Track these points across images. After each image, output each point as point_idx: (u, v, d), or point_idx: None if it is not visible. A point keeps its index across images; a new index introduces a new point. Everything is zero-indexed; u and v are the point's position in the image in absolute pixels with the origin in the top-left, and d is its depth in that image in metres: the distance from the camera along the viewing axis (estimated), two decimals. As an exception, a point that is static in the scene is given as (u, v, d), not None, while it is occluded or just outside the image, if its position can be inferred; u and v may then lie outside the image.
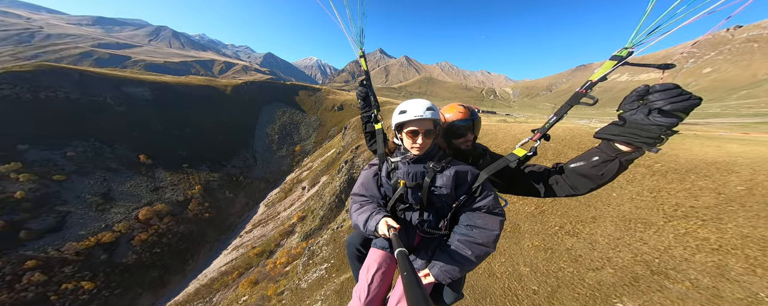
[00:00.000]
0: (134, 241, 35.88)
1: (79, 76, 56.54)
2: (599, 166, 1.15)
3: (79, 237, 33.36)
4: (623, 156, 1.08)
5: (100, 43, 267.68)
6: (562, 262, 6.16)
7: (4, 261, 27.97)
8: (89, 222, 35.88)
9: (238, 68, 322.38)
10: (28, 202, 33.68)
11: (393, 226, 1.18)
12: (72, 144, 44.44)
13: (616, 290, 5.13)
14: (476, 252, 1.30)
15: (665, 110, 0.94)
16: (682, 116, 0.94)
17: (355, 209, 1.50)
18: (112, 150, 47.77)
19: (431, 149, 1.47)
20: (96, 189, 40.32)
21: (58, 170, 39.36)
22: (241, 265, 33.01)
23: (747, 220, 5.03)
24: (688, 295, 4.48)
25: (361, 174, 1.68)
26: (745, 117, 64.05)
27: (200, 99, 72.84)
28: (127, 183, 44.22)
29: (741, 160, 6.47)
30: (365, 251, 1.69)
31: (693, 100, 0.91)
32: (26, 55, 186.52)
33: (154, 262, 35.41)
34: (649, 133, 0.98)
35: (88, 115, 51.07)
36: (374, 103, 1.93)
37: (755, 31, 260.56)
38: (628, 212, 6.49)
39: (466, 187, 1.40)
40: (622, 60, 1.00)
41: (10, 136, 39.77)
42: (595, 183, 1.19)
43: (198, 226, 43.56)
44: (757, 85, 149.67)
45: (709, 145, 8.19)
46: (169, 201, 44.61)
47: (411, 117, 1.36)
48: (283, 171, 66.48)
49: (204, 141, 61.99)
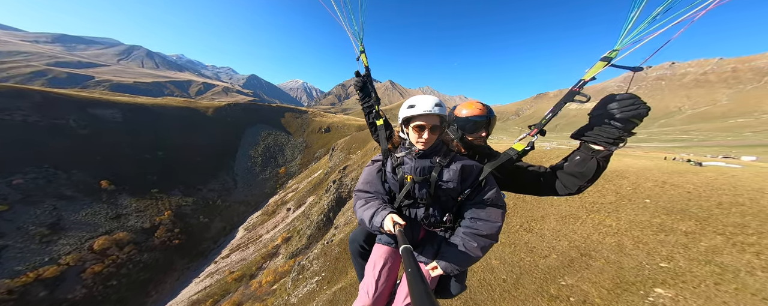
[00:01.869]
0: (85, 274, 30.62)
1: (40, 97, 51.60)
2: (580, 164, 1.27)
3: (15, 273, 27.82)
4: (598, 154, 1.21)
5: (57, 61, 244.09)
6: (523, 254, 7.59)
7: None
8: (29, 256, 30.19)
9: (217, 90, 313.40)
10: None
11: (399, 223, 1.18)
12: (22, 171, 38.78)
13: (560, 271, 6.59)
14: (481, 243, 1.31)
15: (617, 117, 1.11)
16: (636, 122, 1.11)
17: (359, 205, 1.48)
18: (68, 176, 42.37)
19: (436, 144, 1.47)
20: (42, 219, 34.64)
21: (0, 200, 34.05)
22: (217, 292, 29.70)
23: (633, 210, 7.03)
24: (604, 269, 6.07)
25: (363, 170, 1.65)
26: (666, 142, 77.02)
27: (178, 120, 69.20)
28: (82, 211, 38.82)
29: (631, 169, 8.87)
30: (369, 248, 1.68)
31: (640, 110, 1.08)
32: None
33: (108, 296, 30.29)
34: (610, 135, 1.14)
35: (46, 139, 45.73)
36: (375, 97, 1.88)
37: (661, 70, 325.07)
38: (564, 210, 8.32)
39: (470, 180, 1.42)
40: (610, 61, 1.11)
41: None
42: (581, 180, 1.29)
43: (164, 253, 38.81)
44: (670, 116, 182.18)
45: (612, 158, 10.85)
46: (132, 229, 39.69)
47: (419, 111, 1.36)
48: (266, 193, 63.34)
49: (178, 164, 57.89)
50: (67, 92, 61.24)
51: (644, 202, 7.28)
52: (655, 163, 10.20)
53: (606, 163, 1.23)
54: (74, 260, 31.68)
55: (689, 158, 15.06)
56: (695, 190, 6.83)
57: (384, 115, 1.84)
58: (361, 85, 1.91)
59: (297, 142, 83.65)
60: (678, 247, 5.66)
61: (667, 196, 7.08)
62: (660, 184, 7.76)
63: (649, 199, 7.26)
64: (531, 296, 6.01)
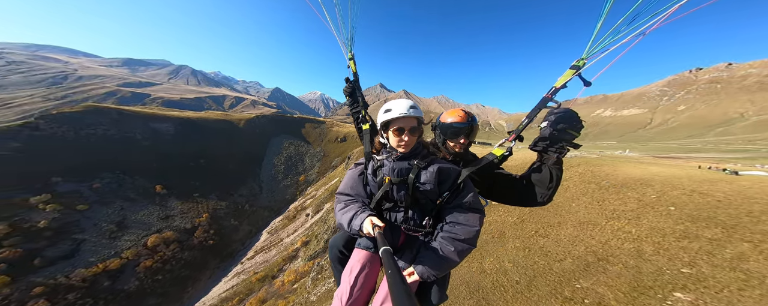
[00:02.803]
0: (139, 268, 34.83)
1: (117, 114, 62.37)
2: (536, 172, 1.37)
3: (89, 264, 32.72)
4: (546, 161, 1.32)
5: (124, 82, 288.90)
6: (537, 258, 7.68)
7: (13, 288, 27.15)
8: (100, 249, 35.45)
9: (247, 103, 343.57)
10: (49, 231, 34.13)
11: (378, 225, 1.16)
12: (100, 176, 46.64)
13: (575, 275, 6.63)
14: (458, 248, 1.29)
15: (557, 128, 1.25)
16: (574, 134, 1.24)
17: (339, 208, 1.46)
18: (133, 181, 49.69)
19: (416, 147, 1.49)
20: (112, 218, 40.76)
21: (83, 200, 40.66)
22: (243, 291, 31.51)
23: (655, 218, 6.89)
24: (622, 273, 6.05)
25: (346, 174, 1.64)
26: (725, 152, 66.76)
27: (216, 132, 77.48)
28: (140, 212, 44.77)
29: (657, 178, 8.57)
30: (348, 253, 1.61)
31: (568, 124, 1.24)
32: (56, 96, 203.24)
33: (154, 290, 33.82)
34: (555, 144, 1.28)
35: (118, 149, 54.67)
36: (362, 102, 1.91)
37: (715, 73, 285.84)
38: (582, 217, 8.27)
39: (448, 183, 1.40)
40: (579, 69, 1.17)
41: (46, 170, 42.30)
42: (541, 188, 1.36)
43: (201, 252, 42.47)
44: (731, 123, 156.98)
45: (638, 167, 10.38)
46: (177, 228, 44.41)
47: (396, 115, 1.38)
48: (287, 200, 66.66)
49: (215, 171, 64.09)
50: (134, 109, 72.89)
51: (668, 209, 7.10)
52: (686, 172, 9.62)
53: (559, 172, 1.32)
54: (132, 255, 36.31)
55: (725, 167, 14.06)
56: (725, 199, 6.47)
57: (371, 119, 1.85)
58: (350, 91, 1.97)
59: (315, 151, 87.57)
60: (702, 253, 5.52)
61: (694, 204, 6.84)
62: (688, 192, 7.46)
63: (674, 206, 7.05)
64: (544, 297, 6.13)
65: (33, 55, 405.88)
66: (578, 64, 1.18)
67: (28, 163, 42.18)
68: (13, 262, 29.49)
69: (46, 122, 49.85)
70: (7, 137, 44.07)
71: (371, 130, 1.77)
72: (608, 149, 67.52)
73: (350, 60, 1.96)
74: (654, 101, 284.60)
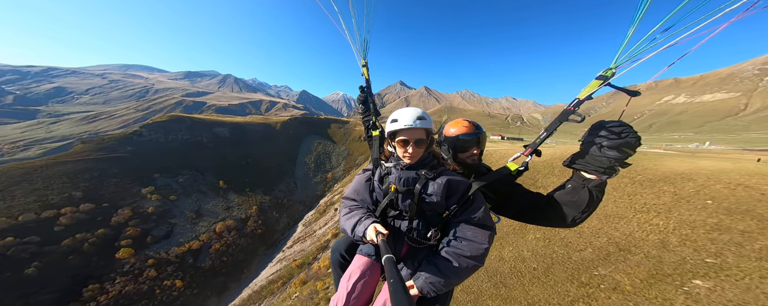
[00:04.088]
0: (211, 250, 43.08)
1: (190, 121, 76.39)
2: (571, 193, 1.21)
3: (179, 243, 41.84)
4: (590, 183, 1.15)
5: (186, 92, 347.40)
6: (556, 247, 8.07)
7: (136, 258, 36.75)
8: (185, 232, 44.86)
9: (279, 106, 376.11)
10: (155, 215, 44.67)
11: (381, 232, 1.15)
12: (182, 174, 58.38)
13: (593, 263, 6.97)
14: (463, 264, 1.23)
15: (605, 145, 1.07)
16: (629, 152, 1.06)
17: (344, 213, 1.45)
18: (204, 177, 60.78)
19: (424, 158, 1.45)
20: (192, 207, 51.00)
21: (173, 192, 51.75)
22: (285, 275, 36.24)
23: (687, 211, 6.74)
24: (642, 262, 6.27)
25: (354, 179, 1.63)
26: None
27: (259, 134, 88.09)
28: (210, 203, 54.71)
29: (703, 172, 8.00)
30: (350, 259, 1.58)
31: (628, 139, 1.04)
32: (143, 107, 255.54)
33: (221, 269, 41.31)
34: (601, 164, 1.10)
35: (193, 150, 67.31)
36: (373, 109, 1.92)
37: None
38: (609, 210, 8.28)
39: (457, 197, 1.35)
40: (607, 80, 1.04)
41: (149, 168, 55.29)
42: (574, 211, 1.21)
43: (252, 240, 49.72)
44: None
45: (685, 161, 9.48)
46: (236, 218, 52.85)
47: (401, 126, 1.35)
48: (317, 195, 72.28)
49: (260, 169, 73.30)
50: (201, 117, 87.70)
51: (705, 203, 6.85)
52: (738, 166, 8.55)
53: (600, 194, 1.17)
54: (207, 238, 44.91)
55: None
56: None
57: (381, 126, 1.83)
58: (363, 99, 1.98)
59: (341, 150, 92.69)
60: (730, 245, 5.48)
61: (734, 198, 6.47)
62: (733, 186, 6.95)
63: (712, 200, 6.76)
64: (560, 282, 6.65)
65: (124, 74, 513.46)
66: (605, 75, 1.06)
67: (139, 162, 55.18)
68: (134, 239, 39.41)
69: (147, 130, 64.60)
70: (125, 142, 59.16)
71: (380, 136, 1.75)
72: (680, 141, 55.41)
73: (363, 67, 1.96)
74: (749, 82, 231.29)
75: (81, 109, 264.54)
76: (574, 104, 1.16)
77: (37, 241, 33.93)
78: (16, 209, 36.72)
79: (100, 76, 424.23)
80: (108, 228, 39.39)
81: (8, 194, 38.57)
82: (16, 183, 40.62)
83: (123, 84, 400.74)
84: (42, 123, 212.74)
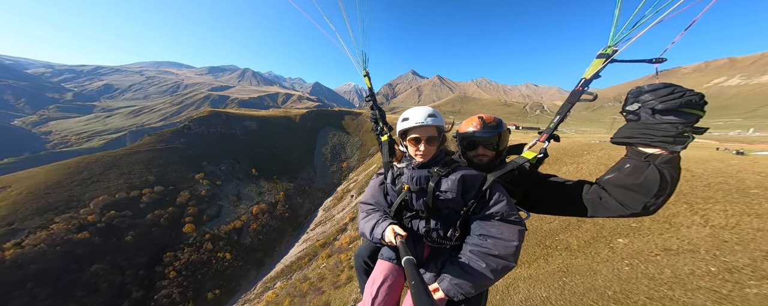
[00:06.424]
0: (250, 229, 50.66)
1: (225, 116, 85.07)
2: (633, 174, 1.00)
3: (226, 222, 49.88)
4: (655, 159, 0.94)
5: (211, 87, 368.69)
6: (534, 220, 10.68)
7: (197, 233, 45.04)
8: (230, 213, 53.04)
9: (294, 98, 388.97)
10: (207, 197, 53.22)
11: (400, 234, 1.13)
12: (223, 162, 67.09)
13: (557, 232, 9.46)
14: (492, 265, 1.17)
15: (658, 109, 0.91)
16: (697, 113, 0.88)
17: (362, 217, 1.46)
18: (240, 165, 69.10)
19: (437, 155, 1.44)
20: (233, 191, 59.30)
21: (218, 178, 60.49)
22: (310, 253, 42.00)
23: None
24: (590, 229, 8.75)
25: (369, 183, 1.65)
26: None
27: (281, 126, 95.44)
28: (247, 188, 62.73)
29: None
30: (373, 264, 1.57)
31: (688, 97, 0.86)
32: (176, 102, 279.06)
33: (258, 246, 48.60)
34: (665, 132, 0.90)
35: (229, 142, 75.97)
36: (379, 114, 1.97)
37: None
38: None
39: (474, 192, 1.31)
40: (609, 58, 1.00)
41: (199, 156, 64.42)
42: (644, 196, 0.99)
43: (281, 222, 56.70)
44: None
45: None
46: (267, 202, 60.19)
47: (413, 124, 1.35)
48: (334, 183, 78.25)
49: (284, 159, 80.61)
50: (233, 111, 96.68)
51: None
52: (696, 153, 10.33)
53: (674, 171, 0.94)
54: (247, 218, 52.56)
55: (737, 149, 14.93)
56: (701, 174, 7.90)
57: (388, 131, 1.87)
58: (376, 119, 2.01)
59: (354, 141, 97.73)
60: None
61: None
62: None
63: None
64: (531, 247, 9.11)
65: (158, 71, 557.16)
66: (606, 52, 1.01)
67: (191, 152, 64.30)
68: (194, 216, 47.82)
69: (194, 124, 74.02)
70: (179, 135, 68.88)
71: (390, 141, 1.78)
72: (723, 128, 48.85)
73: (365, 77, 2.04)
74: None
75: (127, 104, 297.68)
76: (581, 84, 1.13)
77: (130, 214, 42.86)
78: (112, 188, 46.17)
79: (139, 73, 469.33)
80: (175, 207, 47.97)
81: (104, 177, 48.35)
82: (109, 168, 50.45)
83: (157, 80, 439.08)
84: (98, 117, 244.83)
